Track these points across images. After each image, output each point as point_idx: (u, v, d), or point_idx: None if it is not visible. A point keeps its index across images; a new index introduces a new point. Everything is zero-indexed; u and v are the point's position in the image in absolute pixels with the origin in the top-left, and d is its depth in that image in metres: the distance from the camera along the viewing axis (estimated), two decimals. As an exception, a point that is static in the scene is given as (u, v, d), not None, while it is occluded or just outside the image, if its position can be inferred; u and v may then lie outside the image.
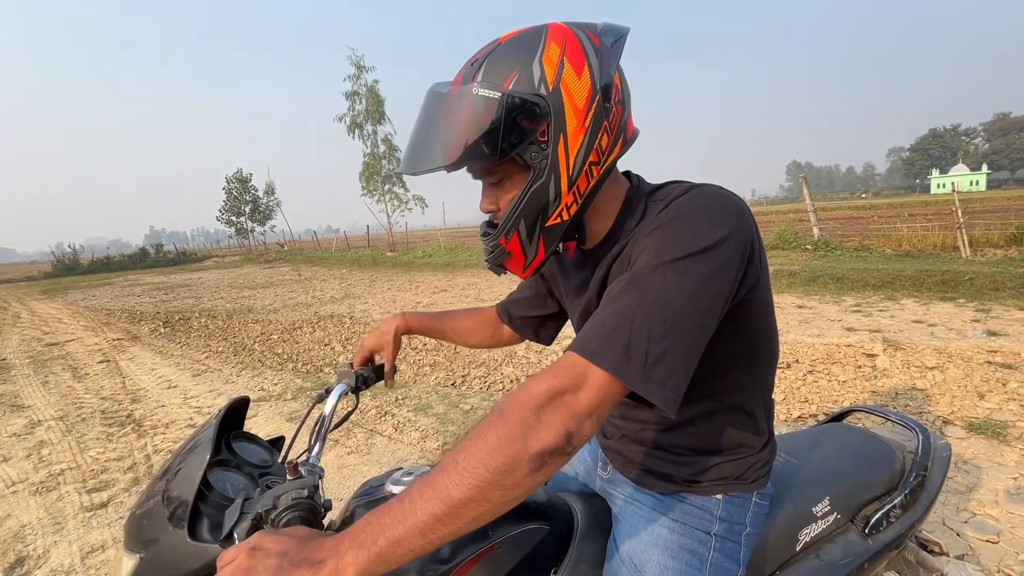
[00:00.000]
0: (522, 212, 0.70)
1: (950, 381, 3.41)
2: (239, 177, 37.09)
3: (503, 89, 0.64)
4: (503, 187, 0.73)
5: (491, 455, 0.52)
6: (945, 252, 9.00)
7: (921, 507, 1.06)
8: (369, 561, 0.51)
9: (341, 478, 2.84)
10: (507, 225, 0.72)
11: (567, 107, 0.65)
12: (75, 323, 9.26)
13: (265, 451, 0.96)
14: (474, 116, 0.64)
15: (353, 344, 5.92)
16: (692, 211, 0.66)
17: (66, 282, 22.02)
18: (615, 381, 0.58)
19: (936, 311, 5.24)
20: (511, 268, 0.78)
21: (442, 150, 0.65)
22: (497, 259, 0.77)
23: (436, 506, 0.52)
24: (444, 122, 0.66)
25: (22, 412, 4.29)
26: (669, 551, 0.84)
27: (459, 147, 0.64)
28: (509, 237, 0.73)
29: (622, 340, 0.58)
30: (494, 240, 0.75)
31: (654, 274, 0.62)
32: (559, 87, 0.65)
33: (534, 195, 0.69)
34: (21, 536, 2.45)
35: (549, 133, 0.66)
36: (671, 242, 0.63)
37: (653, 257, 0.63)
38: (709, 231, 0.63)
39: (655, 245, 0.65)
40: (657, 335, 0.58)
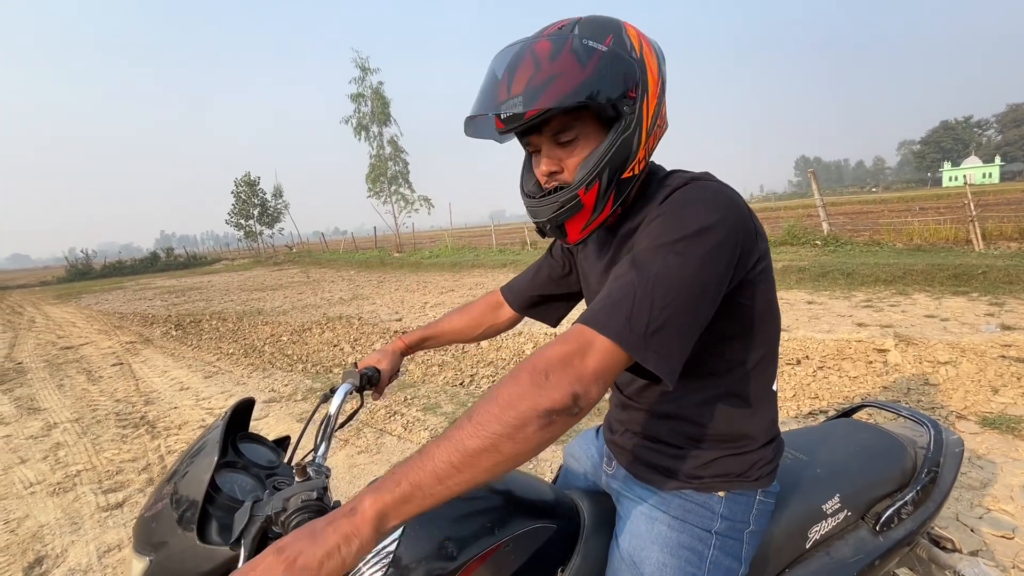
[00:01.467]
0: (609, 161, 0.75)
1: (963, 376, 3.37)
2: (247, 180, 37.38)
3: (606, 45, 0.71)
4: (576, 145, 0.77)
5: (503, 411, 0.56)
6: (957, 246, 8.87)
7: (933, 504, 1.05)
8: (393, 501, 0.55)
9: (352, 477, 2.86)
10: (591, 174, 0.75)
11: (648, 72, 0.74)
12: (89, 327, 9.40)
13: (271, 452, 0.96)
14: (580, 64, 0.69)
15: (362, 345, 5.95)
16: (687, 201, 0.72)
17: (79, 287, 22.33)
18: (618, 348, 0.62)
19: (949, 305, 5.17)
20: (571, 228, 0.81)
21: (541, 93, 0.69)
22: (565, 215, 0.79)
23: (452, 455, 0.55)
24: (538, 72, 0.69)
25: (39, 415, 4.36)
26: (668, 548, 0.84)
27: (567, 89, 0.69)
28: (590, 188, 0.76)
29: (625, 312, 0.63)
30: (570, 193, 0.77)
31: (654, 255, 0.67)
32: (642, 55, 0.74)
33: (622, 145, 0.74)
34: (39, 536, 2.49)
35: (638, 91, 0.73)
36: (668, 227, 0.69)
37: (652, 240, 0.69)
38: (703, 216, 0.69)
39: (655, 231, 0.70)
40: (657, 308, 0.63)
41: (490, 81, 0.73)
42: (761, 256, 0.77)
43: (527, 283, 1.21)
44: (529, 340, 5.19)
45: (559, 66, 0.69)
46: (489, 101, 0.73)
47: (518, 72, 0.70)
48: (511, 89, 0.70)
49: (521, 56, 0.71)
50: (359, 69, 25.06)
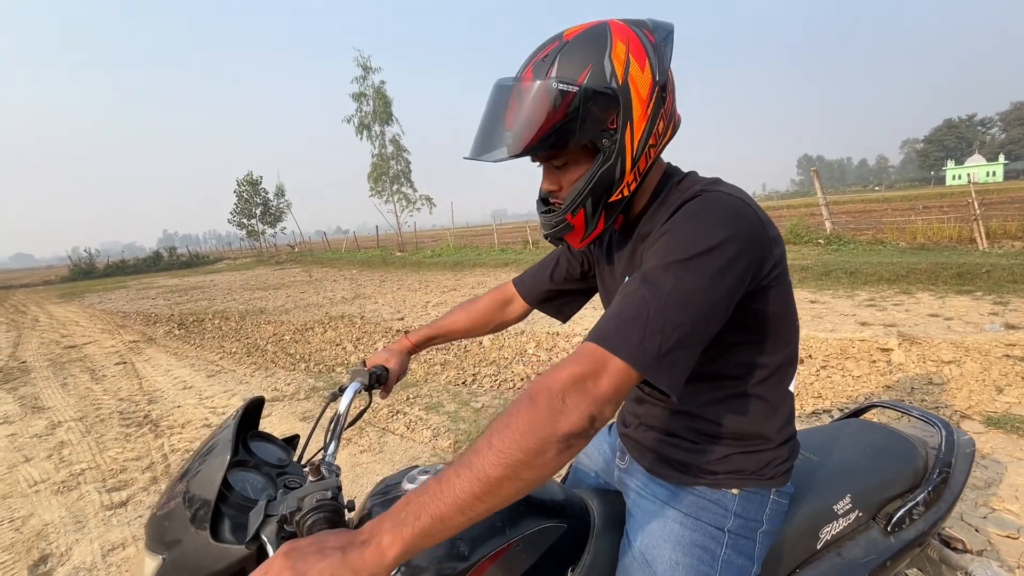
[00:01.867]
0: (590, 192, 0.78)
1: (967, 375, 3.36)
2: (249, 180, 37.40)
3: (579, 83, 0.71)
4: (567, 169, 0.81)
5: (524, 437, 0.57)
6: (961, 244, 8.83)
7: (944, 504, 1.05)
8: (413, 537, 0.55)
9: (355, 476, 2.86)
10: (575, 203, 0.79)
11: (634, 98, 0.73)
12: (92, 326, 9.42)
13: (281, 450, 0.97)
14: (551, 107, 0.71)
15: (364, 344, 5.95)
16: (696, 216, 0.72)
17: (83, 286, 22.38)
18: (631, 369, 0.62)
19: (952, 304, 5.15)
20: (570, 239, 0.87)
21: (518, 138, 0.73)
22: (559, 232, 0.85)
23: (475, 485, 0.56)
24: (519, 113, 0.72)
25: (43, 413, 4.37)
26: (681, 546, 0.84)
27: (536, 135, 0.72)
28: (576, 213, 0.81)
29: (638, 332, 0.63)
30: (560, 216, 0.82)
31: (665, 273, 0.67)
32: (627, 81, 0.73)
33: (602, 176, 0.77)
34: (44, 534, 2.50)
35: (618, 121, 0.74)
36: (678, 244, 0.69)
37: (662, 257, 0.69)
38: (714, 232, 0.69)
39: (664, 247, 0.70)
40: (670, 328, 0.64)
41: (484, 116, 0.77)
42: (776, 262, 0.77)
43: (542, 277, 1.21)
44: (531, 339, 5.19)
45: (534, 108, 0.71)
46: (489, 133, 0.76)
47: (509, 106, 0.74)
48: (499, 126, 0.75)
49: (511, 91, 0.74)
50: (361, 68, 25.08)
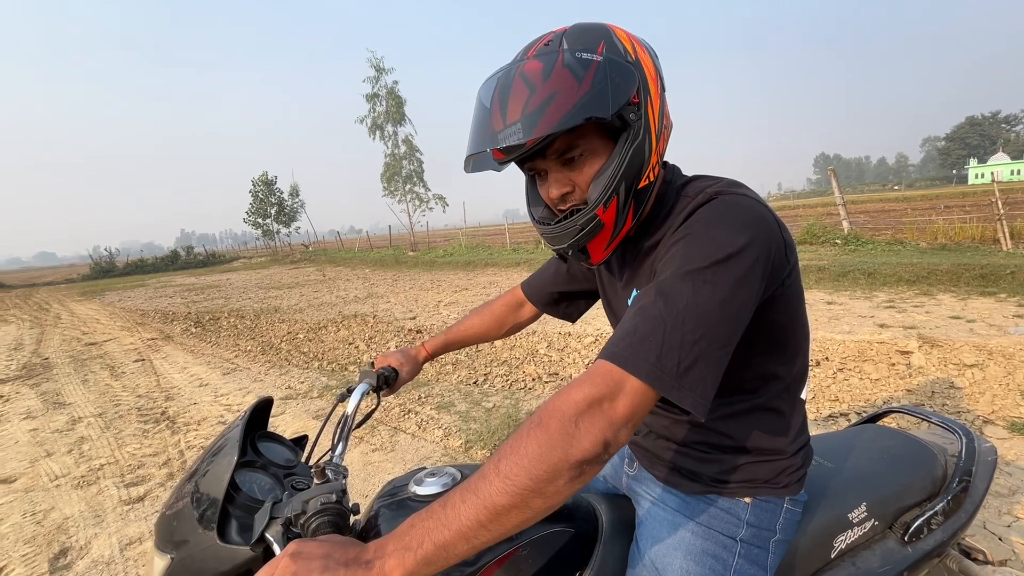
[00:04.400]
0: (624, 174, 0.71)
1: (990, 379, 3.27)
2: (264, 180, 37.87)
3: (599, 53, 0.67)
4: (584, 163, 0.73)
5: (533, 464, 0.53)
6: (984, 245, 8.63)
7: (965, 514, 1.02)
8: (416, 564, 0.53)
9: (366, 475, 2.87)
10: (608, 191, 0.71)
11: (647, 73, 0.71)
12: (112, 323, 9.62)
13: (289, 451, 0.97)
14: (575, 79, 0.65)
15: (376, 343, 5.99)
16: (713, 220, 0.68)
17: (103, 284, 22.87)
18: (649, 389, 0.58)
19: (975, 306, 5.03)
20: (594, 249, 0.78)
21: (538, 120, 0.65)
22: (585, 238, 0.75)
23: (480, 512, 0.53)
24: (533, 95, 0.65)
25: (64, 409, 4.47)
26: (692, 555, 0.82)
27: (564, 111, 0.64)
28: (608, 205, 0.72)
29: (655, 349, 0.59)
30: (588, 214, 0.72)
31: (682, 283, 0.62)
32: (637, 57, 0.71)
33: (634, 155, 0.71)
34: (64, 528, 2.55)
35: (640, 96, 0.70)
36: (695, 252, 0.65)
37: (679, 267, 0.64)
38: (732, 238, 0.64)
39: (680, 255, 0.66)
40: (688, 343, 0.59)
41: (481, 113, 0.70)
42: (791, 269, 0.74)
43: (548, 280, 1.20)
44: (543, 339, 5.18)
45: (554, 85, 0.65)
46: (484, 135, 0.69)
47: (511, 99, 0.66)
48: (506, 118, 0.66)
49: (510, 81, 0.67)
50: (374, 69, 25.26)
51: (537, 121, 0.65)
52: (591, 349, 4.73)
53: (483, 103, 0.70)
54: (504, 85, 0.68)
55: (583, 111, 0.65)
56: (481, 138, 0.70)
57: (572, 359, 4.54)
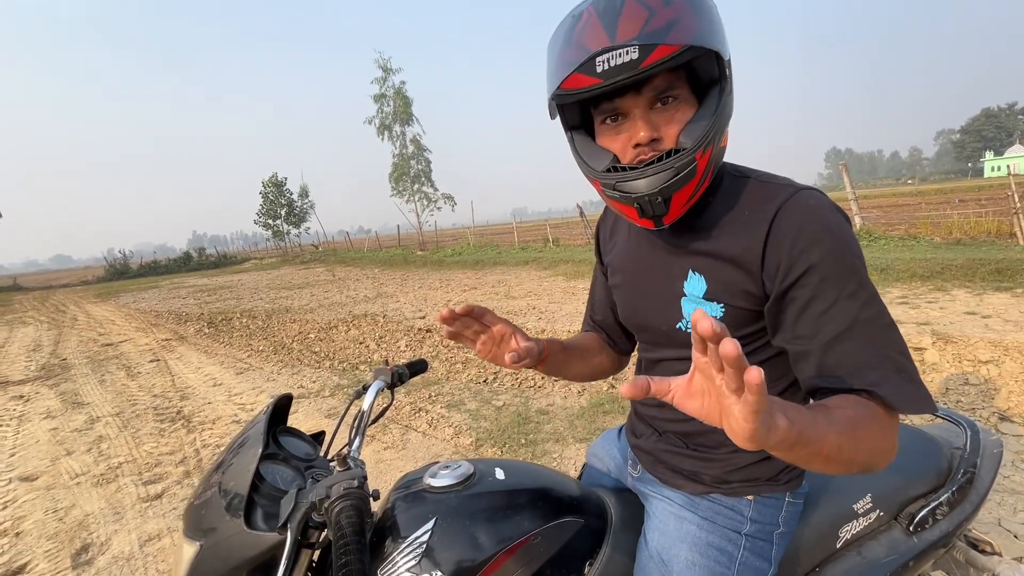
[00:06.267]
0: (718, 123, 0.69)
1: (1006, 375, 3.24)
2: (274, 181, 38.21)
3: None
4: (676, 108, 0.70)
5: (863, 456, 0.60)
6: (1000, 239, 8.49)
7: (970, 505, 1.02)
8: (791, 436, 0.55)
9: (378, 472, 2.91)
10: (707, 137, 0.68)
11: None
12: (127, 324, 9.78)
13: (308, 445, 1.01)
14: (694, 10, 0.63)
15: (387, 342, 6.04)
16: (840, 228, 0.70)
17: (117, 286, 23.22)
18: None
19: (991, 302, 4.96)
20: (676, 200, 0.71)
21: (671, 33, 0.61)
22: (678, 184, 0.69)
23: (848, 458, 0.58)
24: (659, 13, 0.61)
25: (82, 409, 4.57)
26: (698, 548, 0.83)
27: (695, 33, 0.62)
28: (706, 150, 0.69)
29: (912, 381, 0.64)
30: (688, 156, 0.67)
31: (873, 306, 0.67)
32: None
33: (726, 106, 0.70)
34: (85, 525, 2.62)
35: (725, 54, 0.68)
36: (853, 268, 0.68)
37: (855, 285, 0.67)
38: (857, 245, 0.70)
39: (843, 274, 0.67)
40: (907, 351, 0.67)
41: (573, 35, 0.65)
42: None
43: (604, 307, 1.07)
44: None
45: (676, 11, 0.61)
46: (582, 55, 0.63)
47: (623, 19, 0.61)
48: (615, 37, 0.61)
49: (619, 3, 0.62)
50: (381, 70, 25.40)
51: (664, 37, 0.61)
52: (600, 347, 4.73)
53: (569, 30, 0.66)
54: (609, 7, 0.63)
55: (711, 41, 0.63)
56: (578, 58, 0.64)
57: (581, 357, 4.55)
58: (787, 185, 0.73)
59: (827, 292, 0.67)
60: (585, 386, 3.91)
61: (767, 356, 0.80)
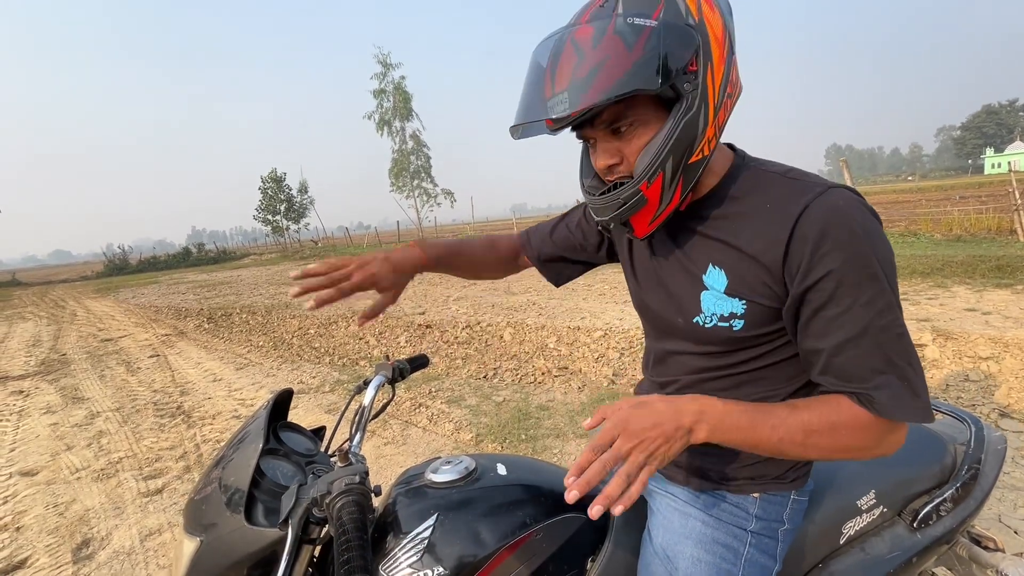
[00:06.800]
0: (672, 148, 0.67)
1: (1006, 372, 3.24)
2: (273, 177, 38.09)
3: (655, 18, 0.62)
4: (633, 133, 0.69)
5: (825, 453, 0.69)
6: (1001, 236, 8.49)
7: (974, 502, 1.02)
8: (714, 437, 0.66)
9: (379, 468, 2.91)
10: (653, 165, 0.67)
11: (711, 37, 0.65)
12: (126, 320, 9.77)
13: (309, 441, 1.00)
14: (626, 47, 0.61)
15: (387, 338, 6.04)
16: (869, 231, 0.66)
17: (117, 281, 23.19)
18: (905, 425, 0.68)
19: (991, 298, 4.96)
20: (637, 223, 0.74)
21: (588, 88, 0.62)
22: (627, 212, 0.72)
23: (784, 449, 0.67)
24: (583, 62, 0.63)
25: (82, 404, 4.57)
26: (703, 544, 0.83)
27: (611, 80, 0.61)
28: (652, 180, 0.68)
29: (911, 391, 0.65)
30: (631, 188, 0.69)
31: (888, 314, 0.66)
32: (702, 19, 0.65)
33: (686, 127, 0.66)
34: (86, 519, 2.62)
35: (698, 63, 0.65)
36: (876, 273, 0.65)
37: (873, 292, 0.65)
38: (888, 247, 0.68)
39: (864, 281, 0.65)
40: (917, 367, 0.67)
41: (533, 78, 0.68)
42: None
43: (549, 240, 1.11)
44: (552, 334, 5.19)
45: (602, 53, 0.62)
46: (534, 102, 0.67)
47: (560, 65, 0.64)
48: (555, 86, 0.64)
49: (561, 47, 0.65)
50: (381, 65, 25.31)
51: (585, 91, 0.62)
52: (600, 343, 4.74)
53: (535, 67, 0.68)
54: (556, 50, 0.65)
55: (630, 82, 0.61)
56: (531, 106, 0.68)
57: (581, 353, 4.56)
58: (816, 183, 0.69)
59: (843, 298, 0.65)
60: (585, 383, 3.91)
61: (786, 356, 0.77)
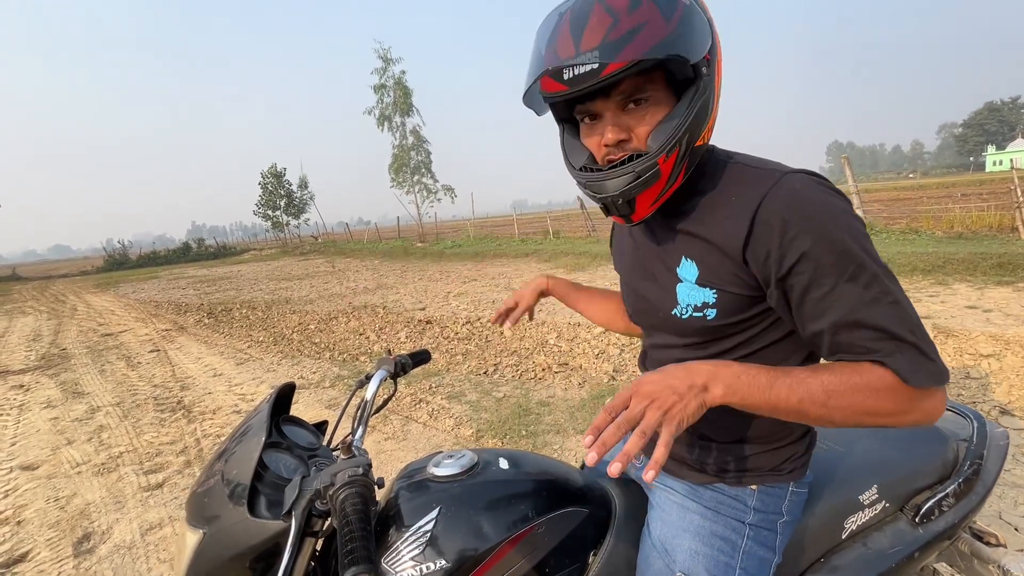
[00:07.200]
0: (689, 126, 0.68)
1: (1007, 369, 3.24)
2: (273, 172, 38.02)
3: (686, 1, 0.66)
4: (646, 110, 0.70)
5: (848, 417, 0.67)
6: (1002, 233, 8.47)
7: (976, 497, 1.02)
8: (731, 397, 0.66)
9: (379, 463, 2.92)
10: (672, 139, 0.68)
11: (715, 35, 0.70)
12: (127, 315, 9.77)
13: (311, 434, 1.00)
14: (664, 17, 0.63)
15: (387, 333, 6.04)
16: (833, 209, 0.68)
17: (117, 276, 23.20)
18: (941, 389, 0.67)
19: (992, 296, 4.95)
20: (641, 201, 0.73)
21: (621, 47, 0.62)
22: (640, 187, 0.71)
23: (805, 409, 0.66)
24: (617, 24, 0.62)
25: (83, 398, 4.57)
26: (701, 537, 0.84)
27: (655, 42, 0.62)
28: (670, 154, 0.69)
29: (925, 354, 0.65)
30: (649, 161, 0.69)
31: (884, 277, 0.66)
32: (710, 17, 0.70)
33: (700, 109, 0.69)
34: (86, 513, 2.63)
35: (712, 52, 0.68)
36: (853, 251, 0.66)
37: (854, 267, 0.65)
38: (858, 222, 0.68)
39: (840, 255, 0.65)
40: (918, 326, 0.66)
41: (548, 40, 0.67)
42: None
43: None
44: (553, 329, 5.19)
45: (640, 17, 0.62)
46: (554, 60, 0.65)
47: (588, 27, 0.63)
48: (580, 45, 0.63)
49: (588, 9, 0.64)
50: (381, 60, 25.20)
51: (621, 48, 0.62)
52: (600, 340, 4.74)
53: (549, 30, 0.67)
54: (580, 13, 0.65)
55: (672, 47, 0.63)
56: (551, 62, 0.66)
57: (582, 349, 4.56)
58: (774, 170, 0.71)
59: (824, 278, 0.66)
60: (585, 378, 3.91)
61: (766, 344, 0.78)
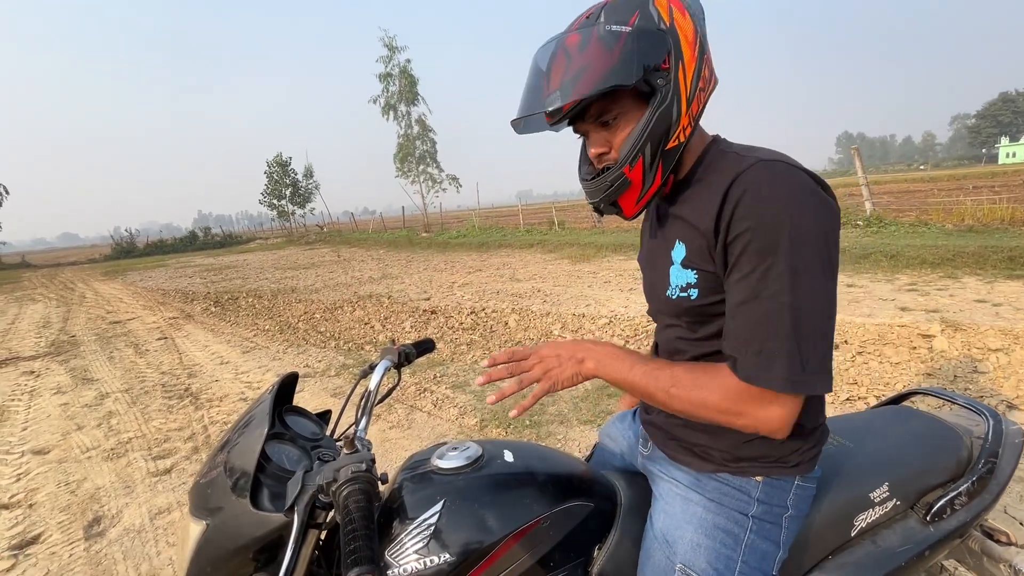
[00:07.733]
0: (649, 135, 0.77)
1: (1016, 364, 3.20)
2: (279, 161, 37.95)
3: (630, 24, 0.73)
4: (617, 125, 0.80)
5: (680, 405, 0.77)
6: (1014, 227, 8.34)
7: (989, 495, 1.01)
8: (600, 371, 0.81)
9: (384, 451, 2.94)
10: (633, 151, 0.78)
11: (681, 40, 0.75)
12: (134, 303, 9.85)
13: (315, 425, 1.00)
14: (606, 51, 0.73)
15: (392, 323, 6.05)
16: (790, 198, 0.71)
17: (124, 264, 23.38)
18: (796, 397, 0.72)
19: (1002, 290, 4.89)
20: (624, 204, 0.84)
21: (573, 87, 0.73)
22: (614, 194, 0.82)
23: (652, 392, 0.78)
24: (570, 65, 0.74)
25: (92, 385, 4.63)
26: (703, 529, 0.84)
27: (592, 80, 0.72)
28: (634, 164, 0.79)
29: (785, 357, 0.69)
30: (616, 171, 0.80)
31: (789, 279, 0.68)
32: (673, 23, 0.75)
33: (660, 117, 0.76)
34: (97, 498, 2.66)
35: (670, 61, 0.75)
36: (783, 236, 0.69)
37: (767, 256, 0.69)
38: (819, 216, 0.71)
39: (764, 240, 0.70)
40: (817, 338, 0.70)
41: (532, 79, 0.79)
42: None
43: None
44: (557, 320, 5.19)
45: (587, 56, 0.73)
46: (534, 99, 0.78)
47: (553, 68, 0.75)
48: (550, 85, 0.76)
49: (555, 52, 0.76)
50: (387, 48, 24.99)
51: (572, 88, 0.73)
52: (605, 331, 4.73)
53: (534, 71, 0.79)
54: (550, 55, 0.77)
55: (609, 80, 0.72)
56: (530, 102, 0.79)
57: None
58: (753, 156, 0.76)
59: (745, 264, 0.72)
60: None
61: None
